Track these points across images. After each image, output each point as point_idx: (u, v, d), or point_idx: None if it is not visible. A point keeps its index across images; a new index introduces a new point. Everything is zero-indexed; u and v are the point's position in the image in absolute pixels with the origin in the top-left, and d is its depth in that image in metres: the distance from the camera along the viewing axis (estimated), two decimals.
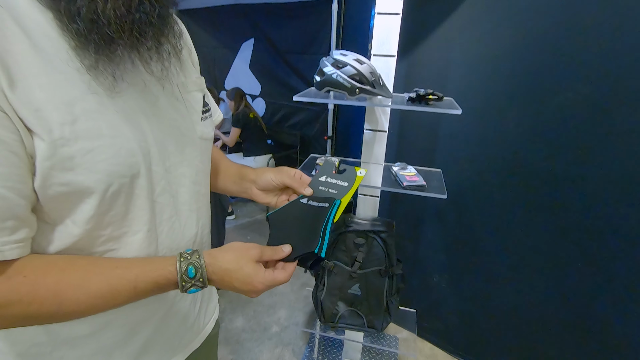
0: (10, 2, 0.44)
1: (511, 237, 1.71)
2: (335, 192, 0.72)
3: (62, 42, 0.46)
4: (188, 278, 0.53)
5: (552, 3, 1.38)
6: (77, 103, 0.46)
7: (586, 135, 1.41)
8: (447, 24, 1.63)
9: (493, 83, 1.59)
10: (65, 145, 0.45)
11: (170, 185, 0.59)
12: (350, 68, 1.32)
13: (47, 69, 0.44)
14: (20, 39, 0.43)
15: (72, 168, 0.46)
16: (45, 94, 0.44)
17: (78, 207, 0.49)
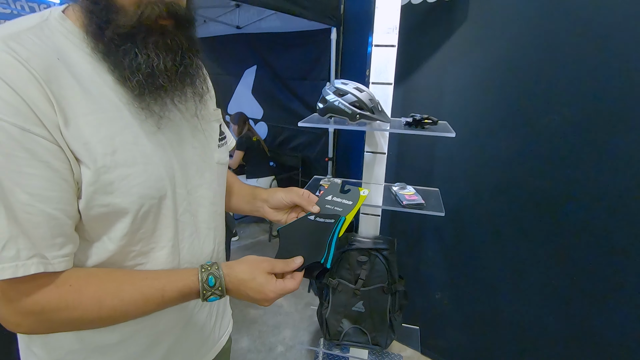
0: (65, 56, 0.53)
1: (509, 253, 1.77)
2: (340, 210, 0.79)
3: (106, 87, 0.55)
4: (208, 287, 0.58)
5: (533, 34, 1.51)
6: (116, 136, 0.54)
7: (572, 154, 1.51)
8: (439, 54, 1.76)
9: (484, 107, 1.69)
10: (107, 172, 0.53)
11: (191, 205, 0.67)
12: (351, 96, 1.42)
13: (93, 109, 0.53)
14: (72, 85, 0.52)
15: (111, 192, 0.54)
16: (91, 129, 0.52)
17: (114, 226, 0.57)
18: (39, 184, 0.48)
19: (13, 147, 0.46)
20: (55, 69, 0.50)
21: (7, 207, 0.47)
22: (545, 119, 1.53)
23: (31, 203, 0.48)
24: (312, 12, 2.67)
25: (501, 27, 1.58)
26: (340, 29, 3.05)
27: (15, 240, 0.47)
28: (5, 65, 0.46)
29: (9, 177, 0.46)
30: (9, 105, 0.46)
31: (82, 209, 0.53)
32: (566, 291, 1.63)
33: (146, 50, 0.54)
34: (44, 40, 0.52)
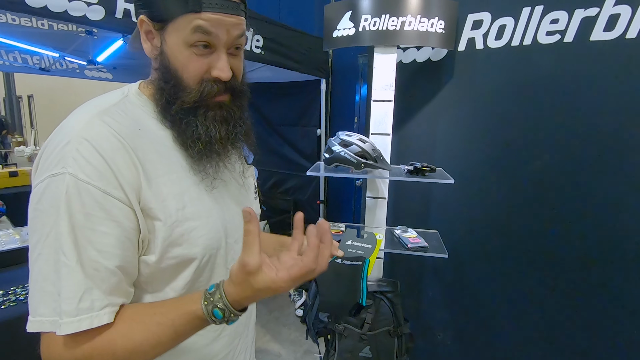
0: (144, 125, 0.62)
1: (508, 292, 1.85)
2: (362, 253, 0.88)
3: (174, 151, 0.63)
4: (217, 319, 0.53)
5: (512, 89, 1.70)
6: (185, 193, 0.61)
7: (556, 195, 1.65)
8: (430, 107, 1.93)
9: (474, 154, 1.85)
10: (179, 226, 0.59)
11: (236, 254, 0.69)
12: (355, 147, 1.53)
13: (167, 170, 0.60)
14: (152, 150, 0.59)
15: (181, 243, 0.59)
16: (167, 188, 0.59)
17: (179, 275, 0.62)
18: (108, 241, 0.53)
19: (93, 207, 0.52)
20: (138, 137, 0.58)
21: (81, 262, 0.51)
22: (530, 164, 1.69)
23: (98, 260, 0.52)
24: (304, 66, 2.87)
25: (483, 83, 1.77)
26: (329, 80, 3.27)
27: (90, 292, 0.51)
28: (100, 137, 0.54)
29: (84, 235, 0.52)
30: (96, 170, 0.52)
31: (154, 262, 0.58)
32: (568, 328, 1.71)
33: (206, 122, 0.62)
34: (128, 113, 0.60)
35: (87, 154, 0.52)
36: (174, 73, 0.60)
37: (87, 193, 0.52)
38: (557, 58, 1.56)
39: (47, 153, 0.55)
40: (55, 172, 0.52)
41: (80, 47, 3.01)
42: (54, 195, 0.52)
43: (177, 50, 0.59)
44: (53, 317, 0.51)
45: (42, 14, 1.47)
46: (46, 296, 0.51)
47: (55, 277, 0.51)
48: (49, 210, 0.52)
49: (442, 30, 1.60)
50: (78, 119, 0.56)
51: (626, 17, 1.40)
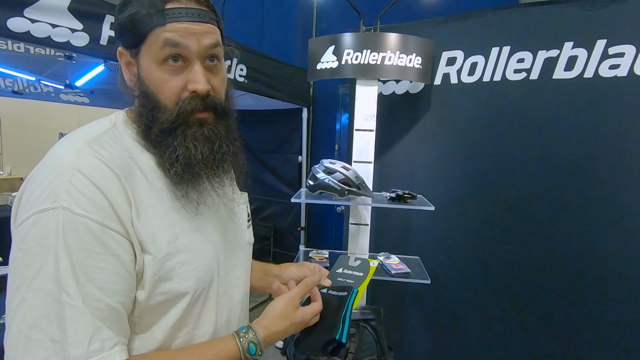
0: (133, 154, 0.59)
1: (488, 318, 1.88)
2: (352, 282, 0.79)
3: (163, 179, 0.60)
4: (250, 355, 0.59)
5: (484, 122, 1.81)
6: (177, 224, 0.58)
7: (529, 223, 1.73)
8: (409, 136, 2.01)
9: (451, 182, 1.92)
10: (169, 259, 0.56)
11: (227, 286, 0.68)
12: (339, 174, 1.56)
13: (157, 200, 0.58)
14: (142, 180, 0.57)
15: (171, 278, 0.56)
16: (157, 220, 0.56)
17: (168, 312, 0.58)
18: (108, 277, 0.50)
19: (91, 243, 0.49)
20: (128, 166, 0.56)
21: (87, 302, 0.48)
22: (504, 192, 1.78)
23: (99, 298, 0.49)
24: (286, 95, 2.94)
25: (458, 115, 1.88)
26: (310, 108, 3.35)
27: (100, 332, 0.48)
28: (92, 167, 0.52)
29: (85, 273, 0.49)
30: (93, 202, 0.50)
31: (142, 299, 0.55)
32: (550, 352, 1.74)
33: (185, 142, 0.58)
34: (117, 141, 0.58)
35: (81, 186, 0.50)
36: (151, 96, 0.58)
37: (84, 228, 0.49)
38: (524, 93, 1.68)
39: (31, 187, 0.51)
40: (45, 207, 0.48)
41: (58, 72, 2.97)
42: (43, 233, 0.48)
43: (150, 72, 0.57)
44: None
45: (25, 39, 1.45)
46: (33, 346, 0.46)
47: (47, 322, 0.46)
48: (35, 250, 0.48)
49: (420, 65, 1.70)
50: (66, 150, 0.53)
51: (583, 59, 1.55)
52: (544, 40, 1.61)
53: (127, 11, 0.56)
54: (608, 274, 1.59)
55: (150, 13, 0.54)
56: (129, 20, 0.55)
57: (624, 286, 1.56)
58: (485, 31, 1.74)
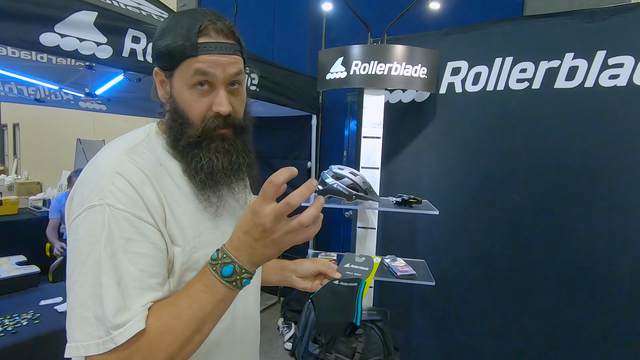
0: (164, 161, 0.68)
1: (495, 321, 1.91)
2: (359, 275, 0.89)
3: (188, 184, 0.68)
4: (228, 277, 0.58)
5: (489, 129, 1.87)
6: (200, 223, 0.66)
7: (532, 228, 1.78)
8: (415, 143, 2.08)
9: (455, 187, 1.98)
10: (195, 252, 0.64)
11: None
12: (347, 179, 1.64)
13: (184, 201, 0.66)
14: (171, 184, 0.65)
15: (197, 268, 0.63)
16: (185, 218, 0.65)
17: None
18: (147, 261, 0.58)
19: (132, 232, 0.57)
20: (160, 172, 0.65)
21: (122, 284, 0.55)
22: (508, 197, 1.83)
23: (141, 279, 0.56)
24: (296, 103, 3.02)
25: (462, 123, 1.94)
26: (320, 115, 3.44)
27: (127, 311, 0.54)
28: (130, 171, 0.61)
29: (127, 258, 0.56)
30: (130, 199, 0.58)
31: (172, 287, 0.62)
32: (554, 354, 1.77)
33: (209, 154, 0.67)
34: (150, 150, 0.67)
35: (122, 186, 0.58)
36: (181, 113, 0.67)
37: (124, 220, 0.57)
38: (526, 102, 1.74)
39: (81, 188, 0.60)
40: (93, 204, 0.57)
41: (79, 80, 3.10)
42: (91, 225, 0.56)
43: (182, 93, 0.66)
44: (87, 342, 0.52)
45: (55, 53, 1.56)
46: (81, 322, 0.53)
47: (92, 301, 0.53)
48: (86, 239, 0.56)
49: (425, 75, 1.77)
50: (109, 157, 0.63)
51: (583, 69, 1.60)
52: (546, 51, 1.67)
53: (166, 40, 0.65)
54: (612, 278, 1.62)
55: (185, 45, 0.63)
56: (167, 49, 0.65)
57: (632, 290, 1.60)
58: (488, 42, 1.81)
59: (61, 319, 1.64)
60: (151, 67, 0.73)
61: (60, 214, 3.31)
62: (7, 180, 8.64)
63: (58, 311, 1.69)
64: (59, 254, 3.10)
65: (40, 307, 1.72)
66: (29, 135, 9.05)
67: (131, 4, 2.01)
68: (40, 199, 4.81)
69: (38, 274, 1.97)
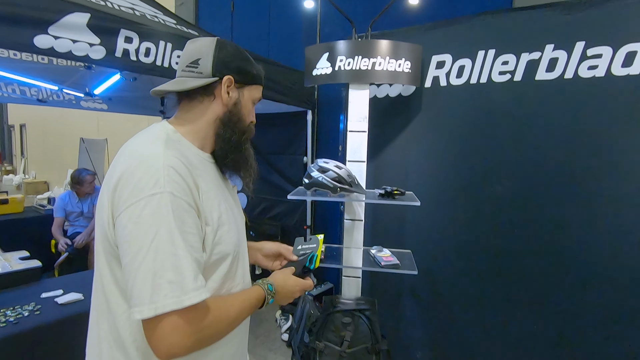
0: (188, 155, 0.79)
1: (481, 310, 1.95)
2: (309, 251, 1.06)
3: (210, 173, 0.83)
4: (269, 291, 0.85)
5: (473, 122, 1.90)
6: (221, 204, 0.80)
7: (515, 217, 1.81)
8: (402, 137, 2.12)
9: (442, 179, 2.01)
10: (219, 229, 0.78)
11: (243, 253, 0.92)
12: (332, 172, 1.68)
13: (209, 188, 0.79)
14: (200, 174, 0.77)
15: (221, 243, 0.78)
16: (211, 201, 0.78)
17: (219, 268, 0.80)
18: (195, 239, 0.71)
19: (186, 216, 0.70)
20: (189, 163, 0.76)
21: (191, 254, 0.69)
22: (491, 188, 1.86)
23: (192, 253, 0.69)
24: (291, 99, 3.07)
25: (447, 116, 1.97)
26: (315, 111, 3.48)
27: (199, 275, 0.69)
28: (178, 165, 0.72)
29: (185, 236, 0.68)
30: (182, 189, 0.70)
31: (205, 259, 0.75)
32: (542, 343, 1.81)
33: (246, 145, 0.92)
34: (177, 145, 0.79)
35: (176, 178, 0.70)
36: (241, 117, 0.88)
37: (180, 206, 0.69)
38: (509, 94, 1.77)
39: (133, 179, 0.69)
40: (154, 192, 0.67)
41: (79, 80, 3.17)
42: (156, 209, 0.67)
43: (247, 103, 0.89)
44: (179, 299, 0.65)
45: (49, 54, 1.62)
46: (157, 287, 0.64)
47: (177, 268, 0.66)
48: (150, 222, 0.66)
49: (409, 70, 1.81)
50: (154, 152, 0.73)
51: (563, 61, 1.63)
52: (527, 43, 1.69)
53: (250, 68, 0.89)
54: (596, 266, 1.66)
55: (260, 76, 0.92)
56: (252, 74, 0.89)
57: (608, 275, 1.63)
58: (471, 35, 1.83)
59: (61, 310, 1.71)
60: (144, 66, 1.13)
61: (65, 212, 3.41)
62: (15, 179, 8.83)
63: (58, 303, 1.76)
64: (64, 249, 3.19)
65: (41, 299, 1.80)
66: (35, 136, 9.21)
67: (125, 4, 2.05)
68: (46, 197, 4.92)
69: (40, 268, 2.04)
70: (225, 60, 0.84)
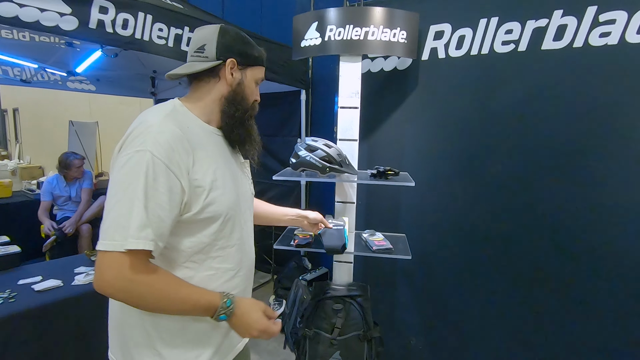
0: (191, 125, 0.89)
1: (476, 295, 1.87)
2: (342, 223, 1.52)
3: (210, 143, 0.91)
4: (225, 306, 0.85)
5: (473, 98, 1.77)
6: (217, 171, 0.88)
7: (516, 200, 1.71)
8: (397, 114, 1.99)
9: (439, 159, 1.90)
10: (213, 191, 0.86)
11: (244, 220, 0.99)
12: (320, 151, 1.57)
13: (206, 155, 0.87)
14: (197, 141, 0.86)
15: (214, 203, 0.86)
16: (206, 166, 0.86)
17: (210, 226, 0.87)
18: (163, 199, 0.78)
19: (159, 175, 0.77)
20: (188, 132, 0.85)
21: (146, 208, 0.75)
22: (491, 168, 1.75)
23: (155, 209, 0.76)
24: (284, 77, 2.92)
25: (446, 90, 1.84)
26: (309, 90, 3.33)
27: (147, 228, 0.75)
28: (170, 130, 0.81)
29: (152, 192, 0.76)
30: (165, 152, 0.78)
31: (195, 214, 0.84)
32: (538, 329, 1.73)
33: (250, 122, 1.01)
34: (179, 116, 0.88)
35: (162, 141, 0.78)
36: (244, 94, 0.96)
37: (157, 165, 0.77)
38: (512, 66, 1.64)
39: (132, 137, 0.79)
40: (140, 148, 0.77)
41: (61, 59, 3.03)
42: (136, 163, 0.76)
43: (250, 84, 0.97)
44: (122, 242, 0.73)
45: (14, 24, 1.48)
46: (120, 228, 0.74)
47: (129, 216, 0.74)
48: (130, 172, 0.76)
49: (405, 40, 1.67)
50: (154, 118, 0.83)
51: (573, 28, 1.49)
52: (533, 9, 1.55)
53: (251, 50, 0.96)
54: (598, 249, 1.56)
55: (262, 58, 1.00)
56: (253, 55, 0.96)
57: (609, 259, 1.53)
58: (472, 2, 1.68)
59: (38, 297, 1.64)
60: (121, 39, 1.38)
61: (52, 196, 3.32)
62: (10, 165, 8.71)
63: (35, 290, 1.68)
64: (50, 233, 3.12)
65: (18, 286, 1.72)
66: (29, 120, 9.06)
67: None
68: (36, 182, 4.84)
69: (18, 254, 1.96)
70: (228, 44, 0.93)
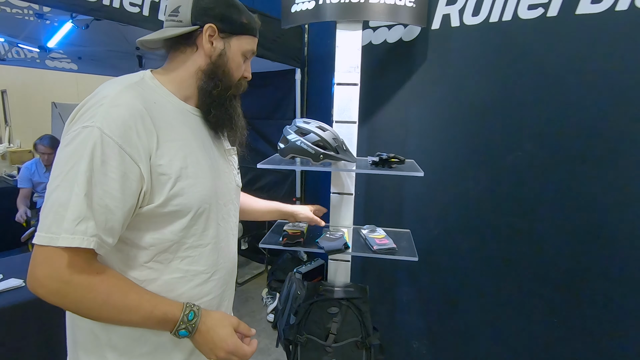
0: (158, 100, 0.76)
1: (486, 296, 1.68)
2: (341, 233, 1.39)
3: (182, 124, 0.78)
4: (187, 320, 0.72)
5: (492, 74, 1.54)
6: (188, 157, 0.75)
7: (538, 192, 1.49)
8: (402, 93, 1.76)
9: (450, 145, 1.68)
10: (181, 181, 0.73)
11: (224, 215, 0.87)
12: (313, 135, 1.34)
13: (175, 137, 0.74)
14: (164, 120, 0.74)
15: (182, 194, 0.74)
16: (174, 150, 0.73)
17: (177, 221, 0.75)
18: (114, 186, 0.66)
19: (109, 157, 0.65)
20: (154, 108, 0.73)
21: (88, 196, 0.63)
22: (511, 155, 1.52)
23: (102, 197, 0.65)
24: (276, 54, 2.67)
25: (460, 67, 1.60)
26: (305, 69, 3.07)
27: (87, 221, 0.63)
28: (128, 104, 0.69)
29: (98, 178, 0.64)
30: (120, 130, 0.66)
31: (159, 206, 0.71)
32: (547, 335, 1.55)
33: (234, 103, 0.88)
34: (145, 89, 0.76)
35: (116, 116, 0.66)
36: (227, 69, 0.82)
37: (107, 145, 0.65)
38: (539, 35, 1.40)
39: (83, 110, 0.68)
40: (87, 124, 0.65)
41: (32, 34, 2.79)
42: (81, 142, 0.64)
43: (236, 56, 0.83)
44: (45, 234, 0.62)
45: None
46: (57, 219, 0.63)
47: (67, 205, 0.63)
48: (73, 152, 0.65)
49: (413, 3, 1.42)
50: (111, 89, 0.70)
51: None
52: None
53: (237, 16, 0.81)
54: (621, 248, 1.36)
55: (251, 26, 0.84)
56: (240, 21, 0.82)
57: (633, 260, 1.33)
58: None
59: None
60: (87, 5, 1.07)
61: (31, 182, 3.13)
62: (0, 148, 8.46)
63: None
64: (22, 220, 2.95)
65: None
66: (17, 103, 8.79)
67: None
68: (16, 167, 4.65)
69: None
70: (206, 7, 0.79)
